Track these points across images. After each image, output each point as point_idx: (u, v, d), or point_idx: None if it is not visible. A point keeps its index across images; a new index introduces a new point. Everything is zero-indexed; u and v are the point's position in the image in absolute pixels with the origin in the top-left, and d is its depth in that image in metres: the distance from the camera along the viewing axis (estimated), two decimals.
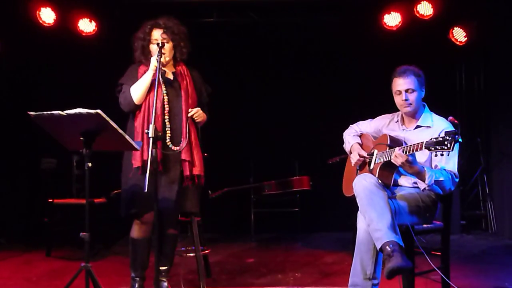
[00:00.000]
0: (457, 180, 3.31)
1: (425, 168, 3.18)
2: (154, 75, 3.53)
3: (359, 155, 3.63)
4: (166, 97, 3.63)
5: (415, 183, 3.41)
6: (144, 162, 3.48)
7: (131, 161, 3.58)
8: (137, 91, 3.60)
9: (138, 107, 3.63)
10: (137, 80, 3.64)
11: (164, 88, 3.64)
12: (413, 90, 3.43)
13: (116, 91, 3.73)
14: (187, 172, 3.65)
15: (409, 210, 3.30)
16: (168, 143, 3.60)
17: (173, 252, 3.88)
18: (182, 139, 3.64)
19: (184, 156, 3.64)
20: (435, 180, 3.17)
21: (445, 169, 3.28)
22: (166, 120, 3.62)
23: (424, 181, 3.18)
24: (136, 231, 3.68)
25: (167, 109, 3.63)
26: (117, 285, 4.16)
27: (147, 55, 3.69)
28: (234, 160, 7.02)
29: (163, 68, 3.63)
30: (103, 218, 5.78)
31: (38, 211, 6.41)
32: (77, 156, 5.83)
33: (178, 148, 3.62)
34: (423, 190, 3.32)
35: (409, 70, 3.46)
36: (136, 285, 3.69)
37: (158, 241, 3.49)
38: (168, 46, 3.64)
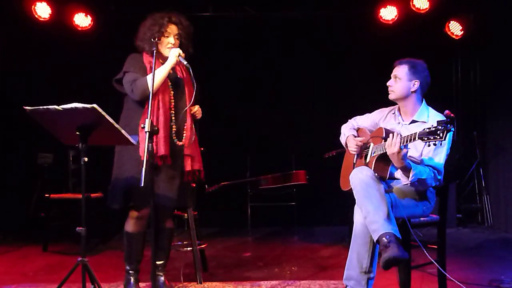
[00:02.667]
0: (439, 177, 3.29)
1: (412, 166, 3.18)
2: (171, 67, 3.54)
3: (356, 142, 3.63)
4: (172, 92, 3.64)
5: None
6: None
7: (138, 153, 3.53)
8: (156, 80, 3.48)
9: (147, 97, 3.57)
10: (144, 68, 3.60)
11: (170, 83, 3.64)
12: (399, 79, 3.43)
13: (114, 80, 3.65)
14: (188, 167, 3.66)
15: (405, 203, 3.30)
16: (173, 138, 3.61)
17: (169, 246, 3.87)
18: (185, 134, 3.65)
19: (187, 151, 3.65)
20: (418, 178, 3.18)
21: (430, 166, 3.27)
22: (172, 116, 3.62)
23: (408, 177, 3.18)
24: (131, 225, 3.67)
25: (172, 104, 3.63)
26: (114, 280, 4.16)
27: (156, 46, 3.51)
28: (230, 154, 7.03)
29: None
30: (99, 213, 5.79)
31: (34, 206, 6.40)
32: (73, 151, 5.82)
33: (182, 143, 3.63)
34: (404, 185, 3.31)
35: (406, 60, 3.47)
36: (132, 279, 3.69)
37: (155, 235, 3.48)
38: (177, 43, 3.66)
